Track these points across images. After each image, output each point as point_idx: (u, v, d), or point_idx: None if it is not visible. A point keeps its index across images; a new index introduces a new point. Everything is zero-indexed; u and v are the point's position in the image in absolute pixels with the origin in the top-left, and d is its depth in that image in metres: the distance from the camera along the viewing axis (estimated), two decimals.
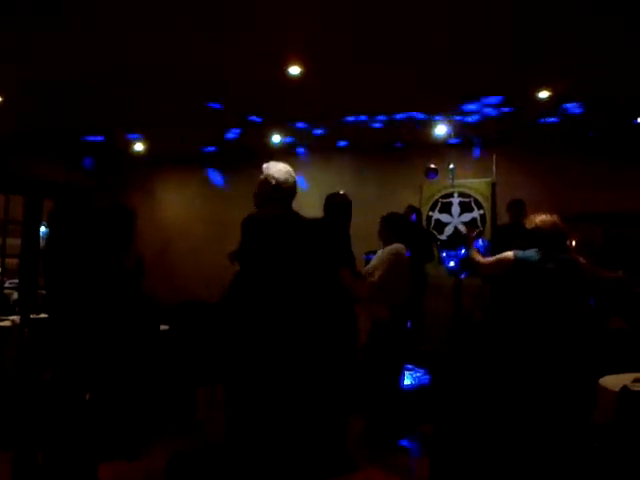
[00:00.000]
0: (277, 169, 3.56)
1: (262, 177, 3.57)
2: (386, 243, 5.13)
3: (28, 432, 3.62)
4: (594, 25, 4.38)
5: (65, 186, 9.09)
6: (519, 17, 4.29)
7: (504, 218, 7.10)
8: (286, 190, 3.53)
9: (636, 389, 3.07)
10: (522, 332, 3.83)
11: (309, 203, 4.83)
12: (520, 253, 3.93)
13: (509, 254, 3.95)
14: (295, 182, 3.59)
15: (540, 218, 3.99)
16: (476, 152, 7.87)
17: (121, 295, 4.25)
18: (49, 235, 4.19)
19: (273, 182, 3.51)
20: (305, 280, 3.44)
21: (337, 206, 4.61)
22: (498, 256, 4.07)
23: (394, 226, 5.17)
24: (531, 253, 3.90)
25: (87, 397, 3.57)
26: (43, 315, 5.72)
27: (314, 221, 3.98)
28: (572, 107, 6.31)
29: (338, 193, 4.72)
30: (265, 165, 3.61)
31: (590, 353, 3.71)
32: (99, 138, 8.18)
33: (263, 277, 3.36)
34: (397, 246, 5.06)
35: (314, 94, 5.97)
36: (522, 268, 3.88)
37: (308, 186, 8.53)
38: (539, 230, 3.94)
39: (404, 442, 4.91)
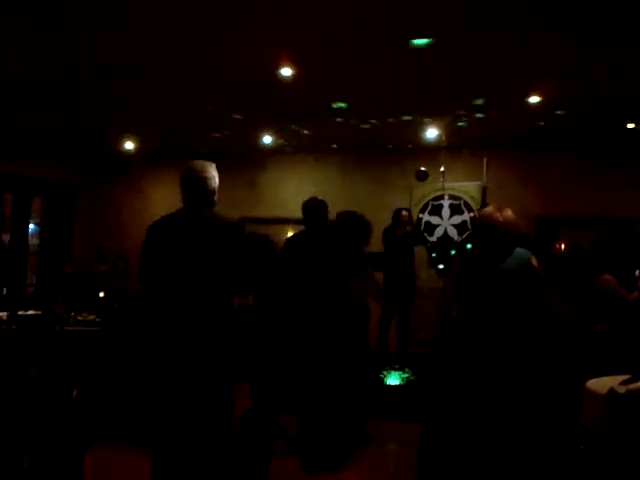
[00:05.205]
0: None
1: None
2: None
3: (13, 431, 3.58)
4: (583, 29, 4.40)
5: (54, 184, 9.06)
6: (508, 20, 4.31)
7: None
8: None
9: (623, 391, 3.09)
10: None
11: (298, 205, 4.83)
12: None
13: None
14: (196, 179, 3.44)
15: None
16: (467, 155, 7.90)
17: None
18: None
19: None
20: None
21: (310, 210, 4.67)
22: None
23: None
24: None
25: (74, 394, 3.54)
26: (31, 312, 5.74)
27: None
28: (562, 111, 6.33)
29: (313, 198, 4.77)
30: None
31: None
32: (89, 136, 8.15)
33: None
34: None
35: (305, 95, 5.97)
36: None
37: (297, 188, 8.52)
38: None
39: None
